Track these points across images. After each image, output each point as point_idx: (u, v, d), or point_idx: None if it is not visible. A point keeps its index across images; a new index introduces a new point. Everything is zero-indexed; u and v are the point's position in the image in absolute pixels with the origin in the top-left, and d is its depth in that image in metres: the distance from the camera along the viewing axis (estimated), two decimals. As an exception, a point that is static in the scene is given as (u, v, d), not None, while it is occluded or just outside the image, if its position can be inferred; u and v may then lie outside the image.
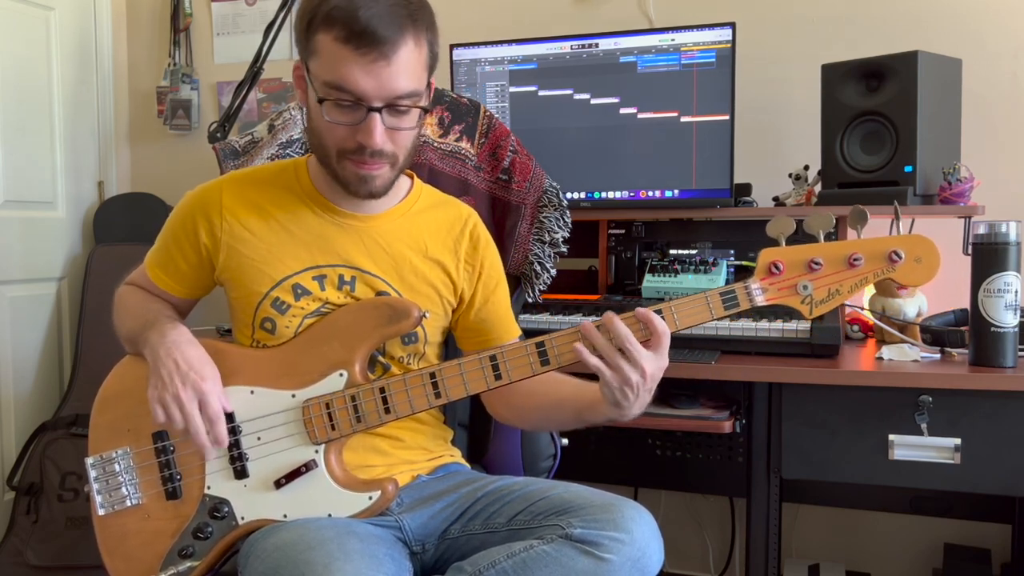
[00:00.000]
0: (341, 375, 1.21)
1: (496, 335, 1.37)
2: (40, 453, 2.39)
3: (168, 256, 1.32)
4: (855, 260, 1.16)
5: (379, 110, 1.14)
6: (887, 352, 1.67)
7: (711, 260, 1.97)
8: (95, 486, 1.25)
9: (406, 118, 1.18)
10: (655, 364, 1.12)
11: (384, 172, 1.20)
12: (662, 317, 1.14)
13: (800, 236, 1.17)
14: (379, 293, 1.28)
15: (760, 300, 1.18)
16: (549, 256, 1.71)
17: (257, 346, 1.28)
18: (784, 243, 1.19)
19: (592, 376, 1.16)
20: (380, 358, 1.28)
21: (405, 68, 1.13)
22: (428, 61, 1.19)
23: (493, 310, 1.37)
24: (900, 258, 1.15)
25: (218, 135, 2.03)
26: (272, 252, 1.27)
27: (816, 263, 1.17)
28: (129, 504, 1.25)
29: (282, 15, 2.12)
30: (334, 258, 1.27)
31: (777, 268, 1.17)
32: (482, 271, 1.36)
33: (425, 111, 1.21)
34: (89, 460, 1.27)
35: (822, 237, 1.18)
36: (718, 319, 1.18)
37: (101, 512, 1.25)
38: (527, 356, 1.17)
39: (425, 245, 1.32)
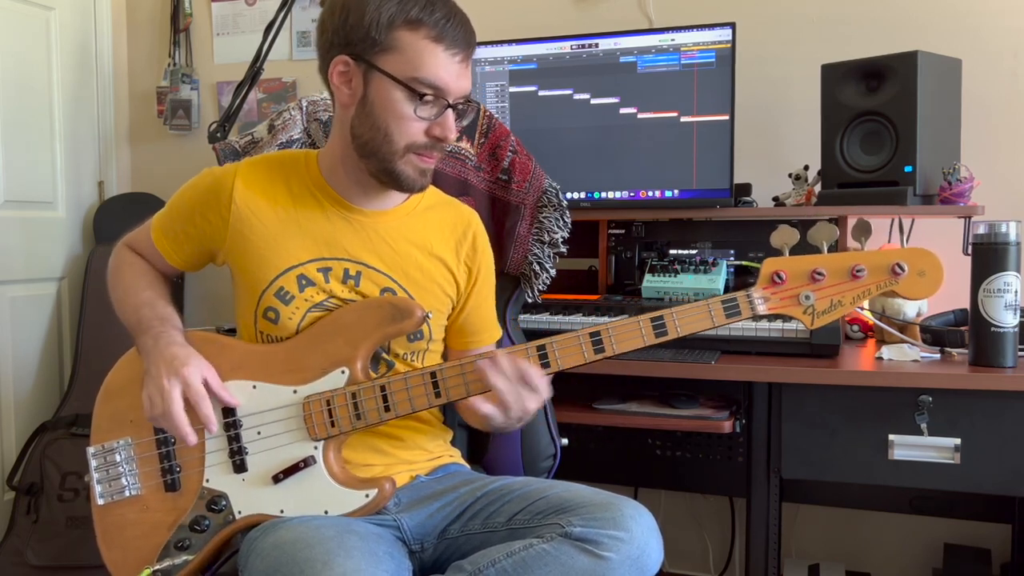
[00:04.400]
0: (343, 372, 1.21)
1: (479, 338, 1.41)
2: (40, 453, 2.39)
3: (172, 226, 1.34)
4: (858, 272, 1.17)
5: (454, 106, 1.21)
6: (887, 352, 1.67)
7: (711, 260, 1.96)
8: (95, 475, 1.27)
9: (462, 117, 1.25)
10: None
11: (434, 166, 1.26)
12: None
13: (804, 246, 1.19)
14: (384, 290, 1.29)
15: (762, 309, 1.19)
16: (549, 256, 1.71)
17: (261, 337, 1.29)
18: (787, 253, 1.19)
19: None
20: (384, 355, 1.29)
21: (470, 71, 1.24)
22: None
23: (481, 313, 1.41)
24: (903, 271, 1.16)
25: (218, 135, 2.03)
26: (278, 241, 1.28)
27: (819, 274, 1.17)
28: (128, 494, 1.26)
29: (282, 15, 2.12)
30: (340, 252, 1.28)
31: (780, 278, 1.18)
32: (478, 276, 1.38)
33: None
34: (91, 449, 1.28)
35: (825, 248, 1.19)
36: (719, 327, 1.19)
37: (100, 502, 1.26)
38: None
39: (430, 243, 1.33)
